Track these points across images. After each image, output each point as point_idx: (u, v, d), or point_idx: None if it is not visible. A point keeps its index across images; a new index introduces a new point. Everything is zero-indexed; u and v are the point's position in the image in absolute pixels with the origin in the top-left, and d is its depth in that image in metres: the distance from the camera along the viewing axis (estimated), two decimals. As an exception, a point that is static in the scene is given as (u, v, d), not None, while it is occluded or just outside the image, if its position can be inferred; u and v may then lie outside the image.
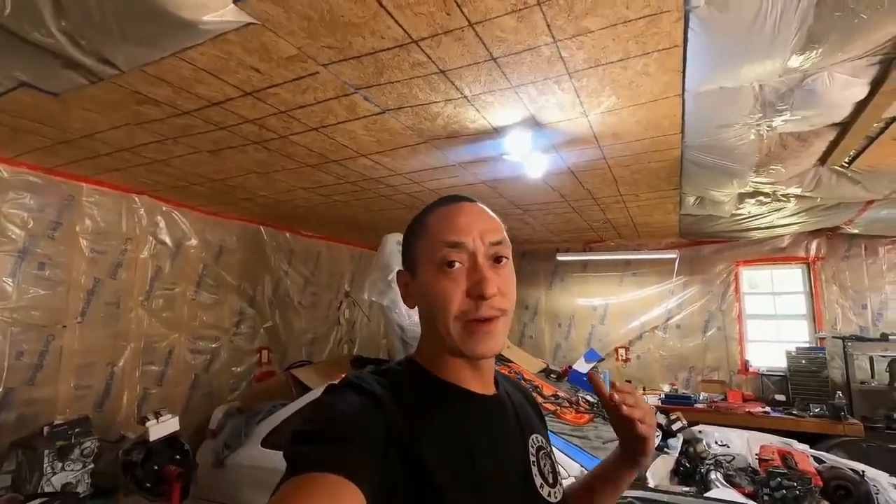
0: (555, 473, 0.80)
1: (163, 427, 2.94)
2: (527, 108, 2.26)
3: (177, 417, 3.04)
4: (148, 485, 2.83)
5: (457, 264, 0.70)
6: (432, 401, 0.70)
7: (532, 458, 0.76)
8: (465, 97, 2.15)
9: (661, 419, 3.21)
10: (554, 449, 2.39)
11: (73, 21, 1.51)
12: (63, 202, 3.27)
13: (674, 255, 5.34)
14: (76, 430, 2.71)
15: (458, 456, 0.66)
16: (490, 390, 0.78)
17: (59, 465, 2.61)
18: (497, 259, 0.73)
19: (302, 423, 0.62)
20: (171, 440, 3.02)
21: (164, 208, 3.92)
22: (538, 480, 0.74)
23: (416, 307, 0.77)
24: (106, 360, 3.48)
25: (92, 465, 2.74)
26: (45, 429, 2.71)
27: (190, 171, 3.19)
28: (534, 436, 0.80)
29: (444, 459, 0.64)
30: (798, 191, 3.40)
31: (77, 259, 3.33)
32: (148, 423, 2.89)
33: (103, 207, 3.50)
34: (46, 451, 2.58)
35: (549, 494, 0.74)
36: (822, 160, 2.90)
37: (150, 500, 2.77)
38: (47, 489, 2.50)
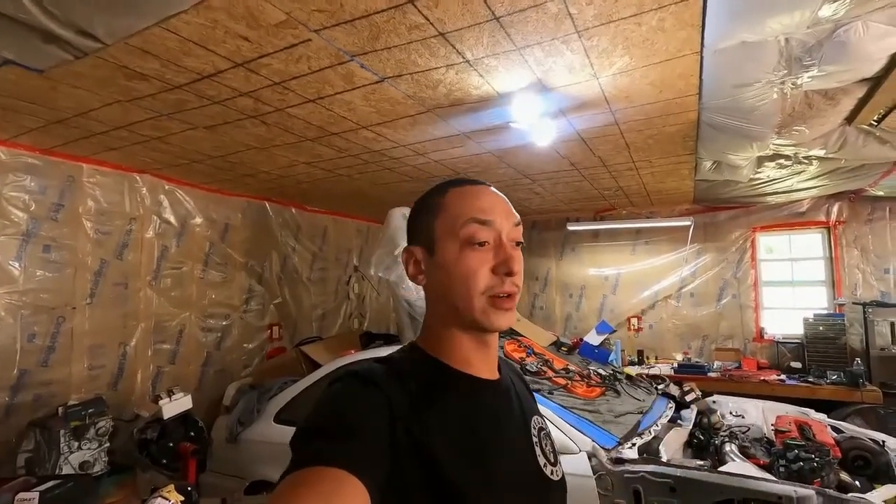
0: (555, 452, 0.82)
1: (176, 405, 2.97)
2: (533, 71, 2.13)
3: (189, 395, 3.07)
4: (164, 461, 2.88)
5: (486, 243, 0.72)
6: (440, 388, 0.71)
7: (535, 440, 0.79)
8: (468, 61, 2.03)
9: (675, 390, 3.17)
10: (565, 423, 2.35)
11: (45, -10, 1.42)
12: (64, 183, 3.23)
13: (688, 223, 5.20)
14: (90, 410, 2.75)
15: (467, 442, 0.67)
16: (495, 375, 0.79)
17: (76, 444, 2.66)
18: (517, 242, 0.75)
19: (307, 417, 0.63)
20: (185, 417, 3.07)
21: (166, 187, 3.87)
22: (541, 460, 0.77)
23: (423, 285, 0.78)
24: (118, 340, 3.50)
25: (108, 444, 2.79)
26: (60, 409, 2.76)
27: (188, 148, 3.11)
28: (535, 417, 0.83)
29: (454, 446, 0.65)
30: (821, 152, 3.23)
31: (82, 240, 3.31)
32: (161, 402, 2.92)
33: (105, 188, 3.45)
34: (62, 431, 2.63)
35: (551, 473, 0.77)
36: (850, 119, 2.73)
37: (167, 476, 2.82)
38: (65, 468, 2.55)
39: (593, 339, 3.84)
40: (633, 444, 2.25)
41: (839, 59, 1.99)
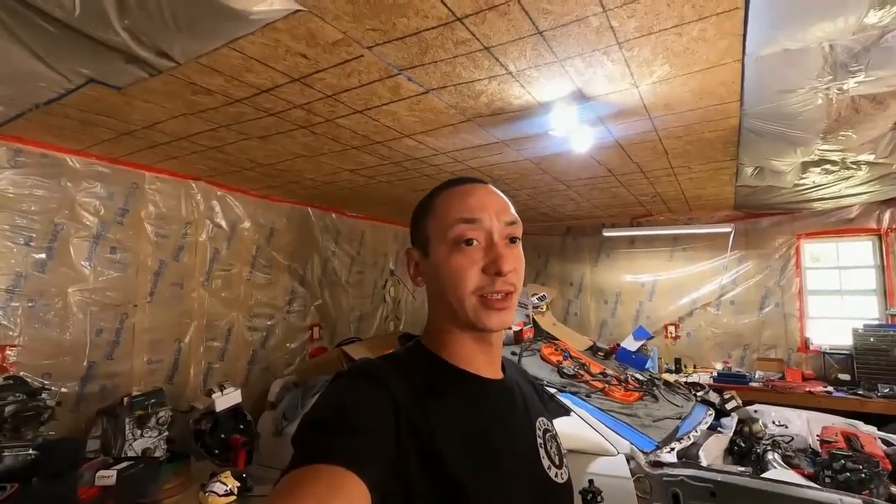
0: (560, 455, 0.81)
1: (227, 399, 3.15)
2: (573, 81, 2.19)
3: (239, 390, 3.25)
4: (216, 451, 3.05)
5: (474, 242, 0.72)
6: (444, 386, 0.71)
7: (539, 441, 0.78)
8: (510, 73, 2.11)
9: (715, 398, 3.14)
10: (603, 426, 2.38)
11: (135, 18, 1.58)
12: (129, 190, 3.48)
13: (728, 229, 5.09)
14: (152, 400, 2.95)
15: (472, 441, 0.67)
16: (498, 374, 0.79)
17: (139, 431, 2.86)
18: (511, 239, 0.75)
19: (311, 410, 0.63)
20: (234, 411, 3.24)
21: (218, 193, 4.10)
22: (546, 462, 0.76)
23: (422, 286, 0.80)
24: (173, 337, 3.73)
25: (167, 433, 2.99)
26: (125, 399, 2.97)
27: (242, 156, 3.31)
28: (540, 419, 0.82)
29: (458, 445, 0.65)
30: (871, 157, 3.15)
31: (143, 243, 3.56)
32: (214, 395, 3.10)
33: (164, 194, 3.70)
34: (127, 420, 2.83)
35: (556, 475, 0.76)
36: (900, 123, 2.67)
37: (218, 466, 2.99)
38: (130, 453, 2.75)
39: (630, 344, 3.83)
40: (672, 449, 2.26)
41: (887, 64, 1.97)
